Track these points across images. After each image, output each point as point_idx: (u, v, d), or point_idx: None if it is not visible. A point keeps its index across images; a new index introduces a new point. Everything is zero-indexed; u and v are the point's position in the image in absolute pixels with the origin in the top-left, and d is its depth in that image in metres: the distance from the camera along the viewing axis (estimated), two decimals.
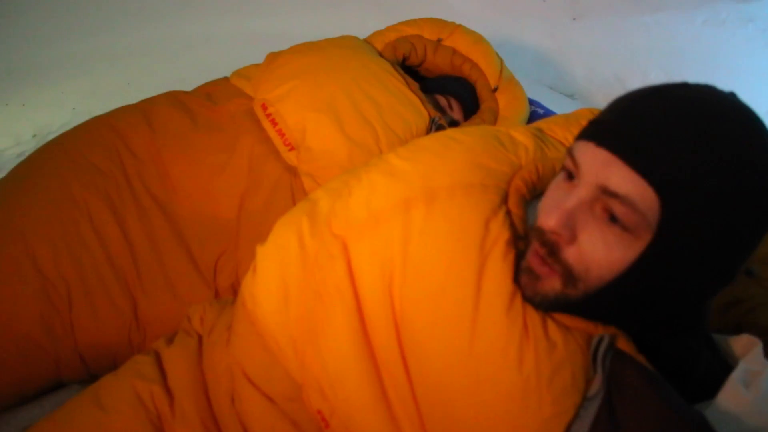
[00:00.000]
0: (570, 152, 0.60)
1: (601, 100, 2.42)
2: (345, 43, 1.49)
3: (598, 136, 0.57)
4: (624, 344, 0.61)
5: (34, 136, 1.69)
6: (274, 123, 1.30)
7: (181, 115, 1.30)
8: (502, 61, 1.60)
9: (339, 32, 1.60)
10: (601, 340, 0.60)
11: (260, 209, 1.22)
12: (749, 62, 2.45)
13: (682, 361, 0.63)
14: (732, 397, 0.56)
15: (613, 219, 0.56)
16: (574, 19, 2.71)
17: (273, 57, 1.44)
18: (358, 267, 0.71)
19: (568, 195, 0.58)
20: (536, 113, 1.64)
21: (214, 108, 1.34)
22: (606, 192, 0.55)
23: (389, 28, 1.65)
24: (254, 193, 1.23)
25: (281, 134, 1.29)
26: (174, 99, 1.34)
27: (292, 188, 1.24)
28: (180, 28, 2.29)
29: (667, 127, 0.54)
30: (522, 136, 0.82)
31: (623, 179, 0.54)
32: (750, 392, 0.55)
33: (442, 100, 1.55)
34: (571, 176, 0.61)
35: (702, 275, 0.58)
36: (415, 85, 1.42)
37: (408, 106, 1.35)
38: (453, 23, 1.64)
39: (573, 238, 0.58)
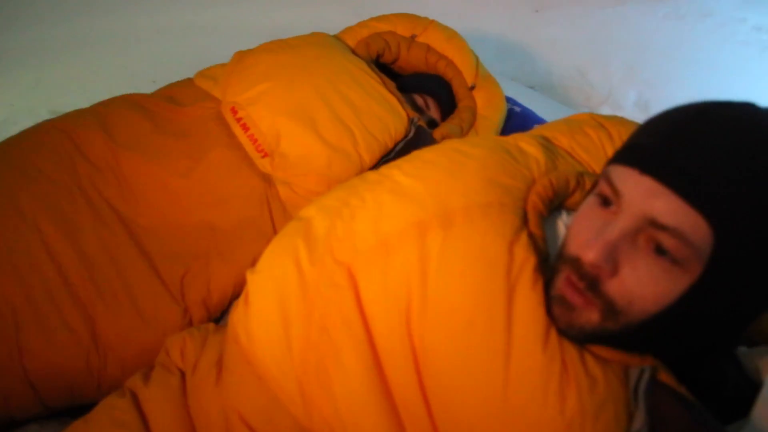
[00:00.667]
0: (607, 178, 0.57)
1: (562, 92, 2.45)
2: (317, 40, 1.41)
3: (642, 162, 0.54)
4: (664, 376, 0.58)
5: None
6: (245, 128, 1.22)
7: (141, 119, 1.21)
8: (477, 58, 1.56)
9: (304, 28, 1.52)
10: (642, 372, 0.57)
11: (233, 220, 1.14)
12: (707, 56, 2.51)
13: (713, 382, 0.61)
14: (767, 415, 0.55)
15: (659, 251, 0.52)
16: (536, 11, 2.74)
17: (241, 56, 1.36)
18: (369, 298, 0.65)
19: (608, 225, 0.55)
20: (513, 111, 1.60)
21: (178, 111, 1.25)
22: (654, 224, 0.52)
23: (360, 24, 1.58)
24: (225, 204, 1.15)
25: (253, 140, 1.21)
26: (132, 102, 1.25)
27: (267, 197, 1.17)
28: (129, 18, 2.19)
29: (717, 152, 0.51)
30: (531, 147, 0.76)
31: (672, 210, 0.51)
32: None
33: (419, 100, 1.50)
34: (606, 202, 0.57)
35: (753, 304, 0.55)
36: (392, 84, 1.37)
37: (385, 106, 1.29)
38: (426, 18, 1.58)
39: (615, 271, 0.54)
